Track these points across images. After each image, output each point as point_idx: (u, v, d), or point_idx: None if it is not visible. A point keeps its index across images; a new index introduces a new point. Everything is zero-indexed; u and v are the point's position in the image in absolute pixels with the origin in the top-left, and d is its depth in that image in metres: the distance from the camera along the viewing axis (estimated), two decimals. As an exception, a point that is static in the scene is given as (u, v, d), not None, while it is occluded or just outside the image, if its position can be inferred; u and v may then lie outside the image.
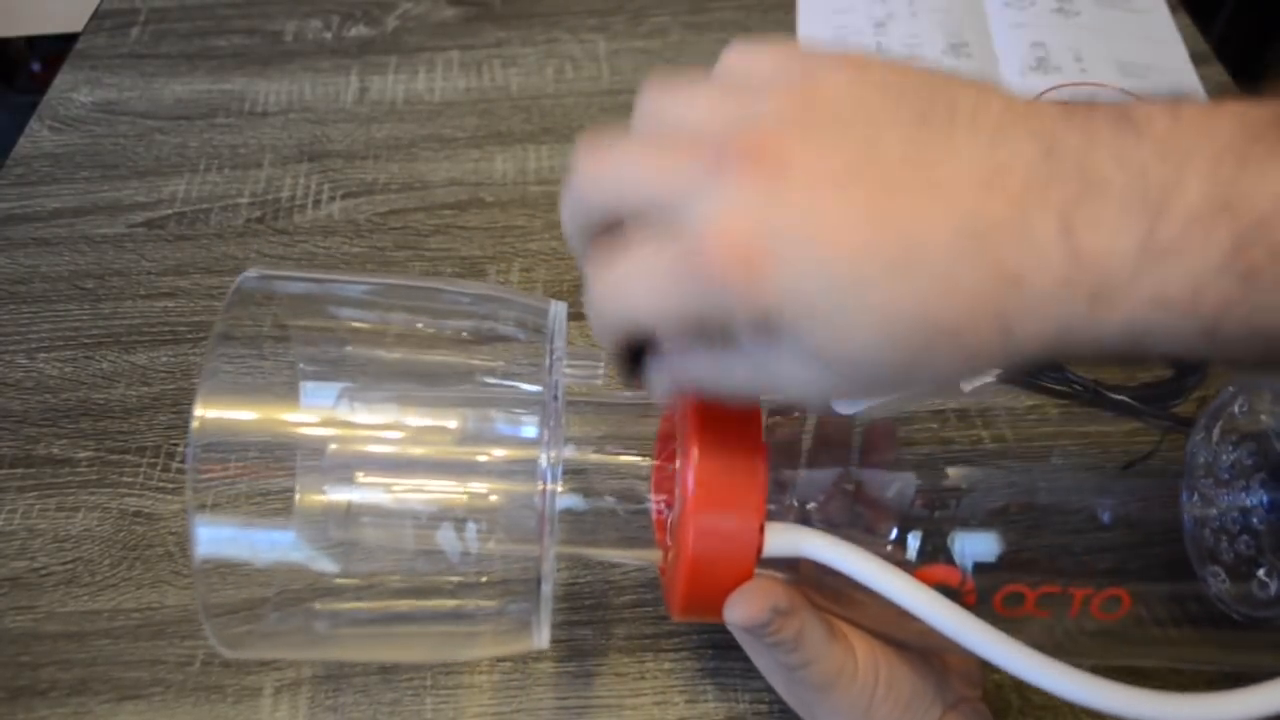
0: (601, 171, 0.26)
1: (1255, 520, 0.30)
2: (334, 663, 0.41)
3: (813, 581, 0.32)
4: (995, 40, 0.70)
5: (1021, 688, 0.40)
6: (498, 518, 0.32)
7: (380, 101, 0.68)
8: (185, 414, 0.50)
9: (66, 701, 0.41)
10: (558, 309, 0.33)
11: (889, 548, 0.32)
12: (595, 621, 0.42)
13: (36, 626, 0.43)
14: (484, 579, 0.32)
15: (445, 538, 0.31)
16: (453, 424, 0.32)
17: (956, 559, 0.31)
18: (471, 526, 0.32)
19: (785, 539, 0.30)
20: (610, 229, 0.26)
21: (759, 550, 0.30)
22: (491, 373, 0.33)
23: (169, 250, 0.58)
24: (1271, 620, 0.30)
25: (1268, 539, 0.30)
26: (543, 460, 0.30)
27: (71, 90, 0.69)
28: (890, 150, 0.22)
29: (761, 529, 0.30)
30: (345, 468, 0.31)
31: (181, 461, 0.48)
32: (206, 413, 0.29)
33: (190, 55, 0.72)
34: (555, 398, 0.31)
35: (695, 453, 0.30)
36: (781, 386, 0.25)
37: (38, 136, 0.66)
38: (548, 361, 0.32)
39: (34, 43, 1.46)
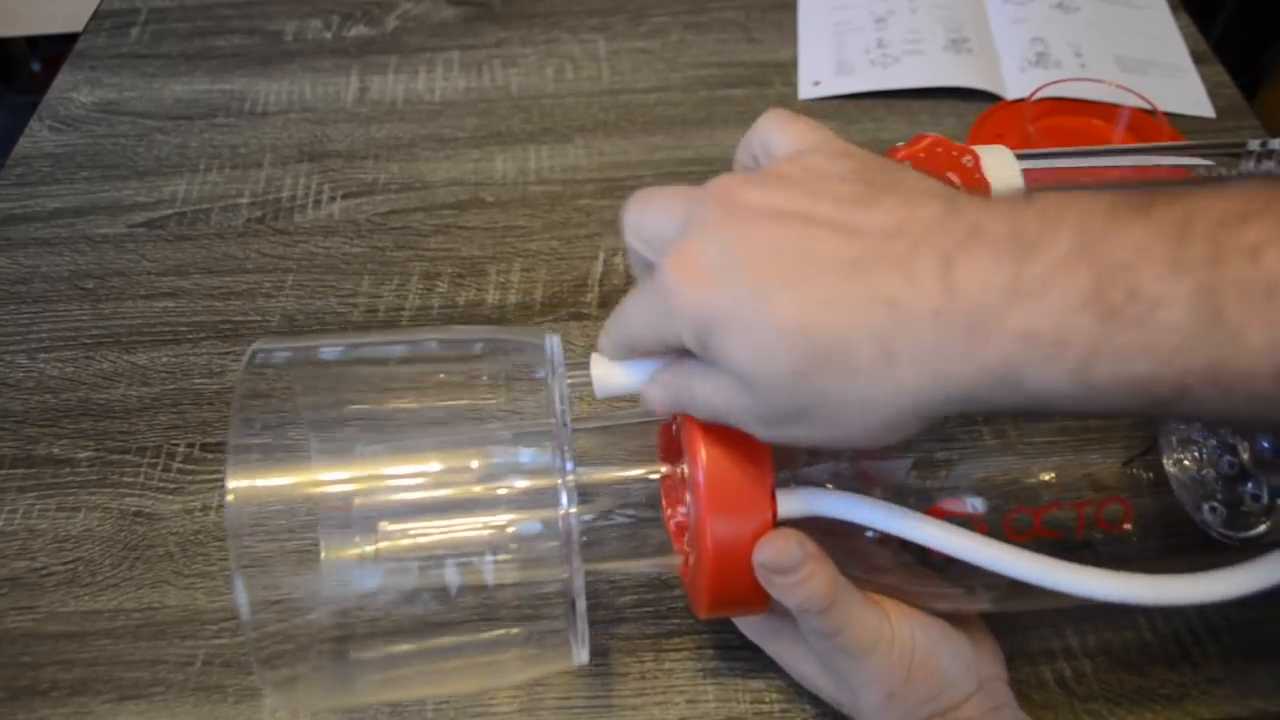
0: (631, 214, 0.31)
1: (1231, 438, 0.32)
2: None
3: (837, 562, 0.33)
4: (995, 36, 0.70)
5: (1023, 688, 0.40)
6: (524, 547, 0.33)
7: (380, 101, 0.68)
8: (185, 414, 0.50)
9: (67, 701, 0.41)
10: (553, 341, 0.35)
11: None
12: (595, 621, 0.42)
13: (37, 626, 0.43)
14: (519, 607, 0.33)
15: (475, 573, 0.32)
16: (469, 464, 0.33)
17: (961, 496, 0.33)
18: (500, 559, 0.32)
19: (797, 501, 0.31)
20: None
21: (774, 515, 0.31)
22: (498, 410, 0.34)
23: (169, 250, 0.58)
24: (1265, 537, 0.32)
25: (1248, 457, 0.31)
26: (560, 486, 0.32)
27: (71, 90, 0.69)
28: (827, 199, 0.27)
29: (773, 496, 0.31)
30: (372, 517, 0.32)
31: (182, 461, 0.48)
32: (239, 483, 0.31)
33: (190, 55, 0.72)
34: (564, 425, 0.32)
35: (700, 447, 0.31)
36: (724, 403, 0.29)
37: (38, 136, 0.66)
38: (553, 392, 0.33)
39: (34, 43, 1.46)
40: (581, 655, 0.33)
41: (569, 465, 0.32)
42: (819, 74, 0.68)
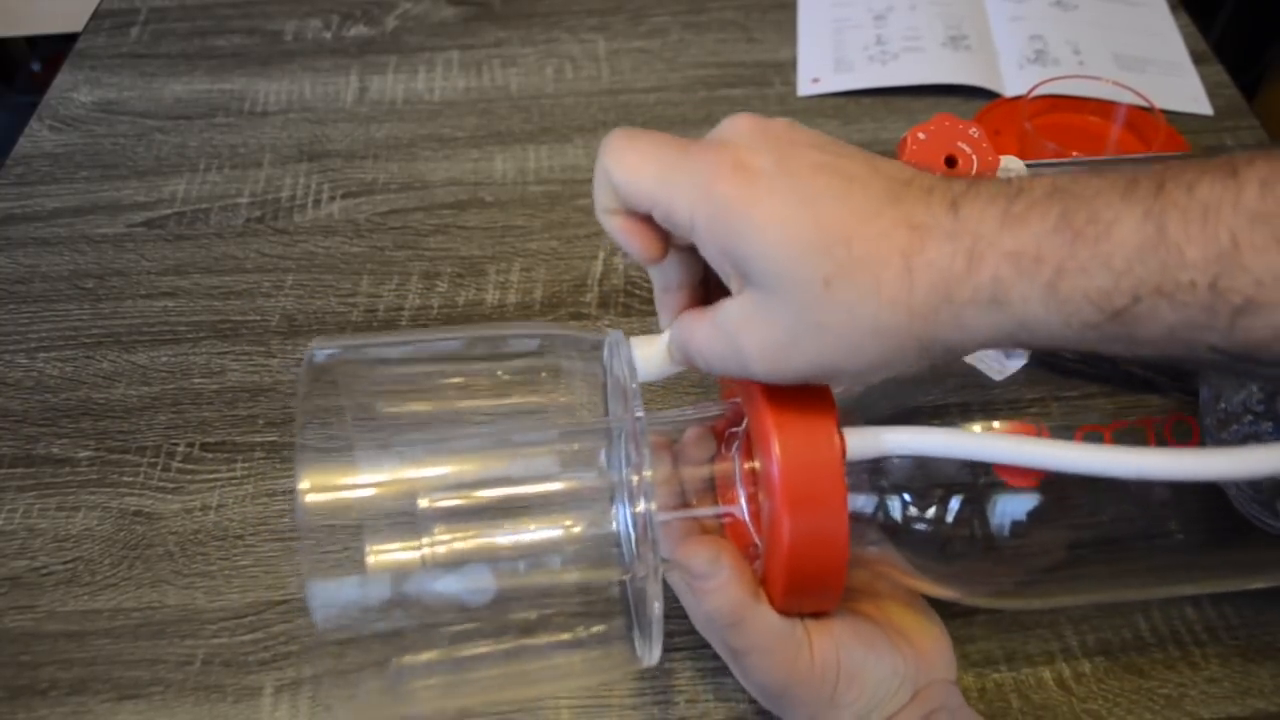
0: (608, 159, 0.32)
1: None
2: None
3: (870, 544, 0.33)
4: (994, 33, 0.70)
5: (1022, 689, 0.40)
6: (596, 547, 0.32)
7: (380, 101, 0.68)
8: (185, 413, 0.50)
9: (66, 701, 0.41)
10: (615, 336, 0.34)
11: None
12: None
13: (37, 626, 0.43)
14: (590, 607, 0.32)
15: (545, 574, 0.32)
16: (544, 462, 0.33)
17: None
18: (569, 559, 0.32)
19: (866, 440, 0.31)
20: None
21: (844, 451, 0.30)
22: (569, 408, 0.34)
23: (169, 250, 0.58)
24: None
25: None
26: (638, 483, 0.30)
27: (71, 90, 0.69)
28: (850, 149, 0.30)
29: (842, 437, 0.30)
30: (434, 519, 0.32)
31: (181, 460, 0.48)
32: (309, 484, 0.30)
33: (190, 55, 0.72)
34: (639, 419, 0.31)
35: (773, 441, 0.30)
36: (732, 334, 0.30)
37: (38, 136, 0.66)
38: (627, 386, 0.32)
39: (34, 43, 1.46)
40: (653, 655, 0.32)
41: (647, 461, 0.30)
42: (818, 71, 0.68)
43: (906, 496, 0.33)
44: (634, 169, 0.31)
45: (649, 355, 0.33)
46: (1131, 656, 0.41)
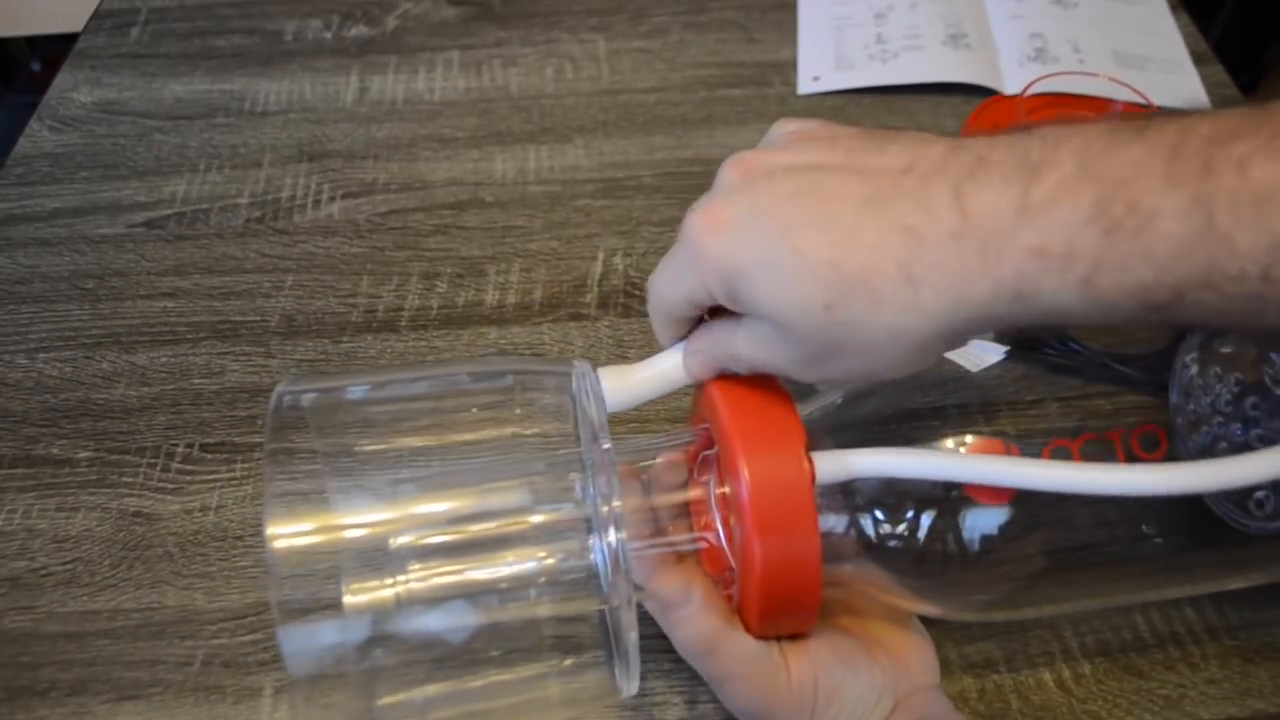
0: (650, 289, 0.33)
1: (1253, 442, 0.31)
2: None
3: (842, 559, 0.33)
4: (994, 31, 0.70)
5: (1021, 689, 0.40)
6: (570, 580, 0.32)
7: (380, 101, 0.68)
8: (184, 414, 0.50)
9: (66, 701, 0.41)
10: (583, 367, 0.34)
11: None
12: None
13: (36, 626, 0.43)
14: (564, 640, 0.32)
15: (518, 609, 0.32)
16: (504, 498, 0.33)
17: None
18: (543, 592, 0.32)
19: (834, 465, 0.31)
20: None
21: (813, 476, 0.30)
22: (531, 442, 0.34)
23: (169, 250, 0.58)
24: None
25: None
26: (608, 514, 0.30)
27: (71, 90, 0.69)
28: (838, 150, 0.29)
29: (811, 462, 0.30)
30: (406, 557, 0.31)
31: (181, 461, 0.48)
32: (278, 530, 0.30)
33: (190, 55, 0.72)
34: (607, 450, 0.31)
35: (741, 466, 0.30)
36: (762, 351, 0.30)
37: (38, 136, 0.66)
38: (591, 418, 0.32)
39: (34, 43, 1.46)
40: (632, 686, 0.32)
41: (615, 491, 0.30)
42: (818, 69, 0.68)
43: (879, 514, 0.33)
44: (664, 288, 0.32)
45: (616, 386, 0.33)
46: (1131, 657, 0.41)
